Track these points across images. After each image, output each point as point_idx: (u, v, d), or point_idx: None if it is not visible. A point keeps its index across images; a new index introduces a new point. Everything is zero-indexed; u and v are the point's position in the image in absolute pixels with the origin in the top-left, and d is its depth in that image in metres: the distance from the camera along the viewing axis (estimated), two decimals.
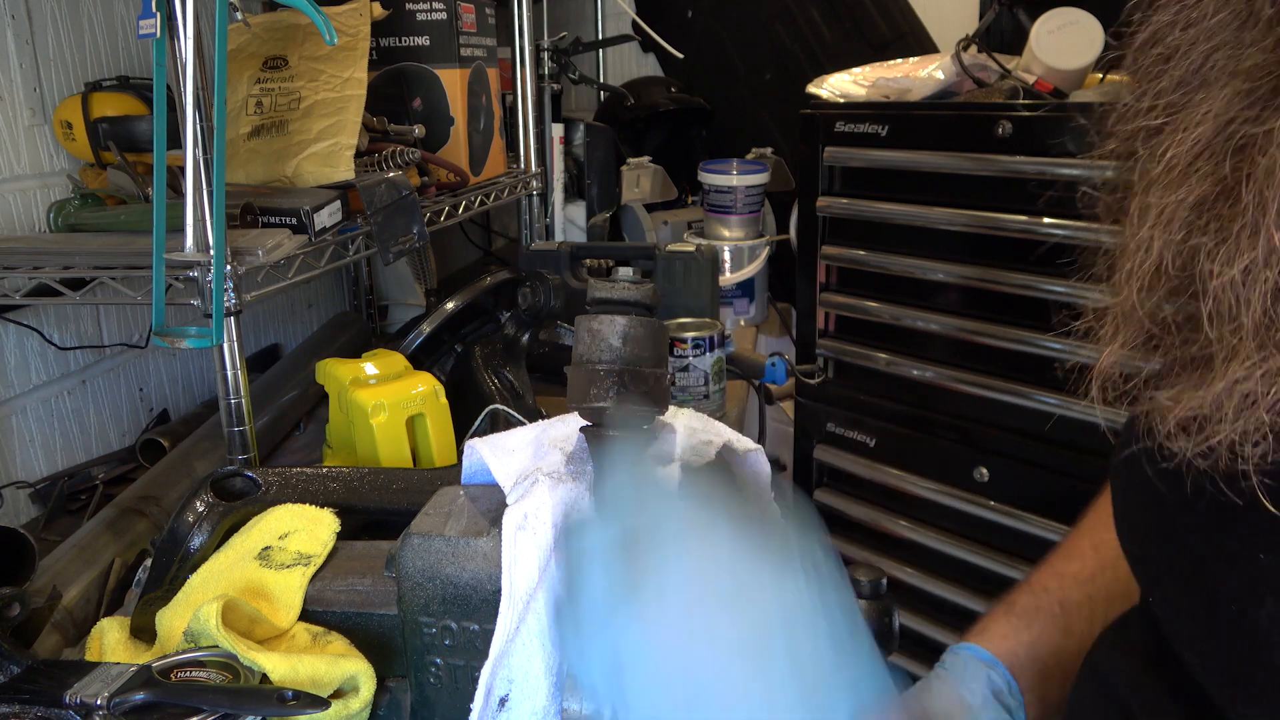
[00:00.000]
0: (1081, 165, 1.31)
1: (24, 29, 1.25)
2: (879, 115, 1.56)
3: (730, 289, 2.12)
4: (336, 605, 0.76)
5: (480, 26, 1.66)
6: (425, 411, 1.12)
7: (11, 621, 0.77)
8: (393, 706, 0.75)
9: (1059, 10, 1.45)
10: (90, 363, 1.39)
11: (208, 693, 0.65)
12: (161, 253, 0.97)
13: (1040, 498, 1.42)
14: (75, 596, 0.98)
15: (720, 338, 1.44)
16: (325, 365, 1.18)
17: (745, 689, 0.43)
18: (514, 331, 1.34)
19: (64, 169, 1.33)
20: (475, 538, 0.70)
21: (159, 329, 1.00)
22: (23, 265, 1.06)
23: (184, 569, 0.81)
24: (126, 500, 1.14)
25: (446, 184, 1.55)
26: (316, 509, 0.84)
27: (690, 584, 0.45)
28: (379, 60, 1.59)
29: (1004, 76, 1.52)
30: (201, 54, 0.95)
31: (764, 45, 2.54)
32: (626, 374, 0.66)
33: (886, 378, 1.60)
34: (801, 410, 1.76)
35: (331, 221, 1.17)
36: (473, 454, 0.78)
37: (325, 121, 1.31)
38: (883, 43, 2.31)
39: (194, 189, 0.96)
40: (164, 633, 0.76)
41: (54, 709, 0.65)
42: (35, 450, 1.30)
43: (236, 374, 1.03)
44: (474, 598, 0.69)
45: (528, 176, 1.94)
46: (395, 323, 2.08)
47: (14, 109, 1.25)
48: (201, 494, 0.84)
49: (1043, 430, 1.40)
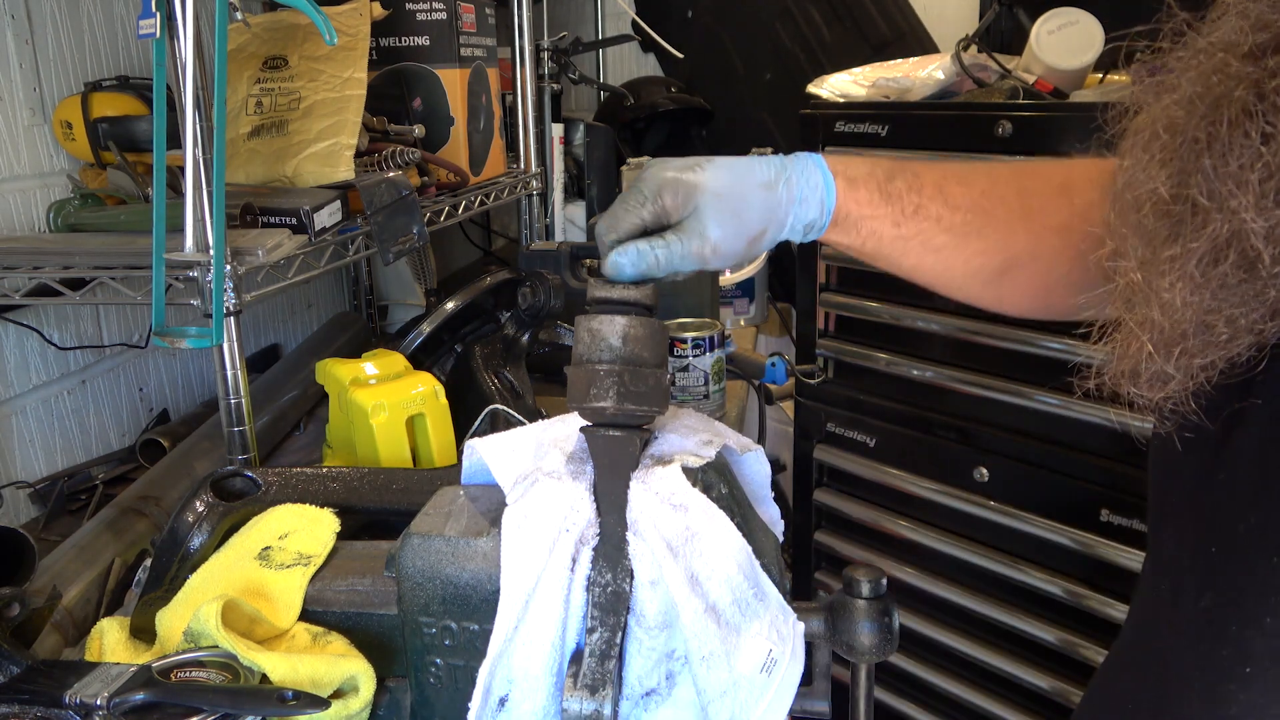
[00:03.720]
0: None
1: (24, 29, 1.25)
2: (879, 115, 1.55)
3: (730, 289, 2.12)
4: (336, 605, 0.76)
5: (480, 26, 1.66)
6: (425, 411, 1.12)
7: (11, 621, 0.77)
8: (393, 706, 0.75)
9: (1059, 10, 1.45)
10: (90, 363, 1.39)
11: (208, 693, 0.65)
12: (161, 253, 0.97)
13: (1040, 498, 1.42)
14: (75, 596, 0.98)
15: (720, 338, 1.44)
16: (325, 365, 1.18)
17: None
18: (514, 331, 1.33)
19: (64, 169, 1.33)
20: (475, 538, 0.70)
21: (159, 329, 1.00)
22: (23, 265, 1.06)
23: (184, 569, 0.81)
24: (126, 500, 1.14)
25: (446, 184, 1.55)
26: (316, 509, 0.84)
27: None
28: (379, 60, 1.59)
29: (1004, 76, 1.52)
30: (201, 54, 0.95)
31: (764, 45, 2.54)
32: (626, 374, 0.66)
33: (886, 378, 1.60)
34: (801, 410, 1.76)
35: (331, 221, 1.17)
36: (473, 454, 0.78)
37: (325, 121, 1.31)
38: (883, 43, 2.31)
39: (194, 189, 0.96)
40: (164, 633, 0.76)
41: (54, 709, 0.65)
42: (35, 450, 1.30)
43: (236, 374, 1.03)
44: (474, 598, 0.69)
45: (528, 176, 1.94)
46: (395, 323, 2.08)
47: (14, 109, 1.25)
48: (201, 494, 0.84)
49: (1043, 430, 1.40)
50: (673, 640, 0.65)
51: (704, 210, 0.70)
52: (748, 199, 0.72)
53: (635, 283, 0.68)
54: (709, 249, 0.70)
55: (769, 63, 2.56)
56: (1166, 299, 0.48)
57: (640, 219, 0.70)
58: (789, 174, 0.73)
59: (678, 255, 0.70)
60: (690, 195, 0.70)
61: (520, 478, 0.71)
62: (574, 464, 0.70)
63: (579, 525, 0.66)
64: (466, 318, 1.39)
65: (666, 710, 0.66)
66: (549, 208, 2.16)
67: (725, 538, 0.65)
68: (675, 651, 0.65)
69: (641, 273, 0.69)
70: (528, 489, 0.69)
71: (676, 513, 0.66)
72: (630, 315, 0.67)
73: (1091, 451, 1.35)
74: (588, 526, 0.66)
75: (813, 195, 0.73)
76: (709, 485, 0.68)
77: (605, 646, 0.64)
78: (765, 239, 0.73)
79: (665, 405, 0.69)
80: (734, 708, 0.63)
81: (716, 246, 0.70)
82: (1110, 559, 1.32)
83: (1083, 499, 1.36)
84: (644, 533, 0.65)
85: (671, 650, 0.65)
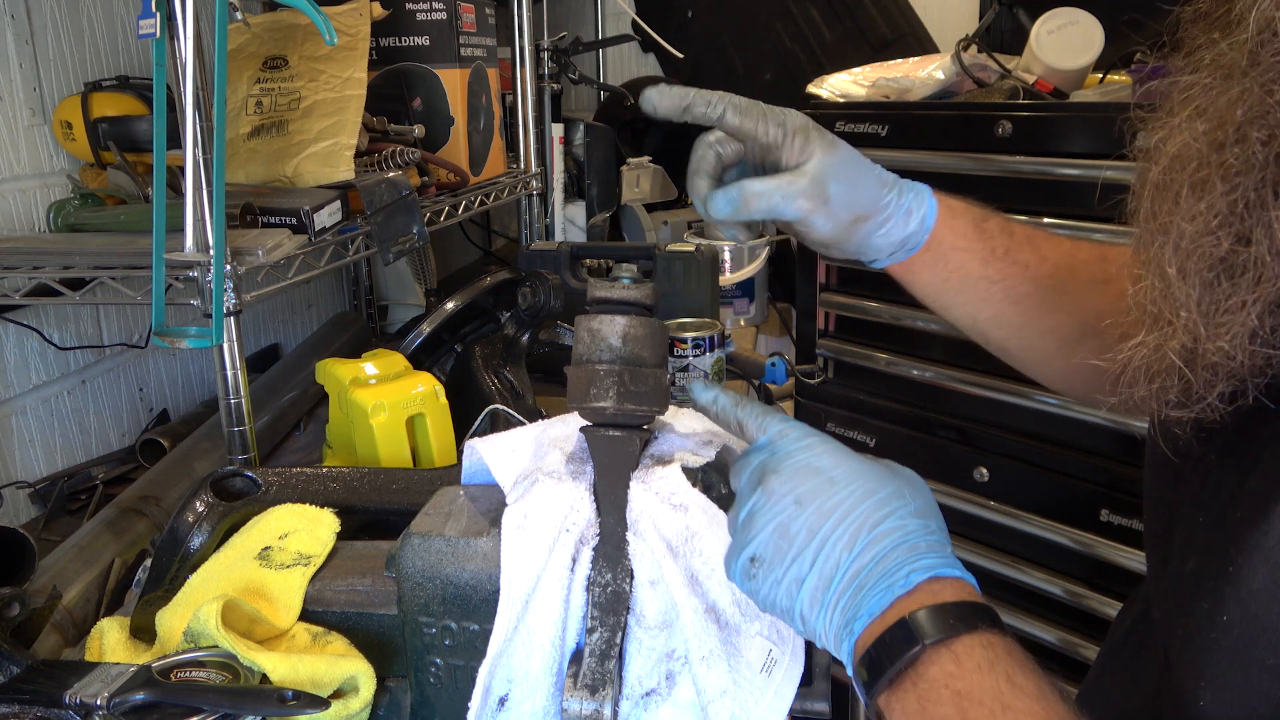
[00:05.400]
0: (1081, 165, 1.31)
1: (24, 29, 1.25)
2: (879, 115, 1.56)
3: (730, 289, 2.12)
4: (336, 605, 0.76)
5: (480, 26, 1.66)
6: (425, 411, 1.12)
7: (11, 621, 0.76)
8: (393, 706, 0.75)
9: (1059, 10, 1.45)
10: (90, 363, 1.39)
11: (208, 693, 0.65)
12: (161, 253, 0.97)
13: (1040, 498, 1.42)
14: (75, 596, 0.98)
15: (720, 338, 1.44)
16: (325, 365, 1.18)
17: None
18: (514, 331, 1.33)
19: (64, 169, 1.33)
20: (475, 538, 0.70)
21: (159, 329, 1.00)
22: (23, 265, 1.06)
23: (184, 569, 0.81)
24: (126, 500, 1.14)
25: (446, 184, 1.55)
26: (316, 509, 0.84)
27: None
28: (379, 60, 1.59)
29: (1004, 76, 1.52)
30: (201, 54, 0.95)
31: (764, 45, 2.54)
32: (626, 374, 0.66)
33: (886, 378, 1.60)
34: (801, 410, 1.76)
35: (331, 221, 1.17)
36: (473, 454, 0.78)
37: (325, 121, 1.31)
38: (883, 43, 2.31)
39: (194, 189, 0.96)
40: (164, 633, 0.76)
41: (54, 709, 0.65)
42: (35, 450, 1.30)
43: (236, 374, 1.03)
44: (474, 598, 0.69)
45: (528, 176, 1.94)
46: (395, 323, 2.08)
47: (14, 109, 1.25)
48: (201, 494, 0.84)
49: (1043, 430, 1.40)
50: (673, 640, 0.65)
51: (826, 164, 0.70)
52: (864, 180, 0.73)
53: (635, 282, 0.68)
54: (822, 201, 0.70)
55: (769, 63, 2.56)
56: (1224, 347, 0.48)
57: (765, 130, 0.70)
58: (900, 185, 0.74)
59: (792, 198, 0.69)
60: (819, 145, 0.70)
61: (520, 478, 0.71)
62: (574, 464, 0.70)
63: (579, 525, 0.66)
64: (466, 318, 1.39)
65: (666, 710, 0.66)
66: (549, 208, 2.16)
67: (725, 538, 0.65)
68: (675, 651, 0.65)
69: (739, 201, 0.69)
70: (528, 489, 0.69)
71: (676, 512, 0.66)
72: (630, 315, 0.67)
73: (1091, 451, 1.35)
74: (588, 526, 0.66)
75: (916, 209, 0.74)
76: (709, 485, 0.68)
77: (605, 646, 0.64)
78: (865, 227, 0.74)
79: (665, 405, 0.69)
80: (734, 708, 0.63)
81: (830, 201, 0.70)
82: (1110, 559, 1.32)
83: (1083, 499, 1.36)
84: (644, 533, 0.65)
85: (671, 650, 0.65)
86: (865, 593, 0.55)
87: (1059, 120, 1.35)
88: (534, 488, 0.68)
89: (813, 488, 0.58)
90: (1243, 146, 0.46)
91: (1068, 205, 1.32)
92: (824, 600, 0.56)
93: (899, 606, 0.54)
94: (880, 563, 0.55)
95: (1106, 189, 0.62)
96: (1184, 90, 0.51)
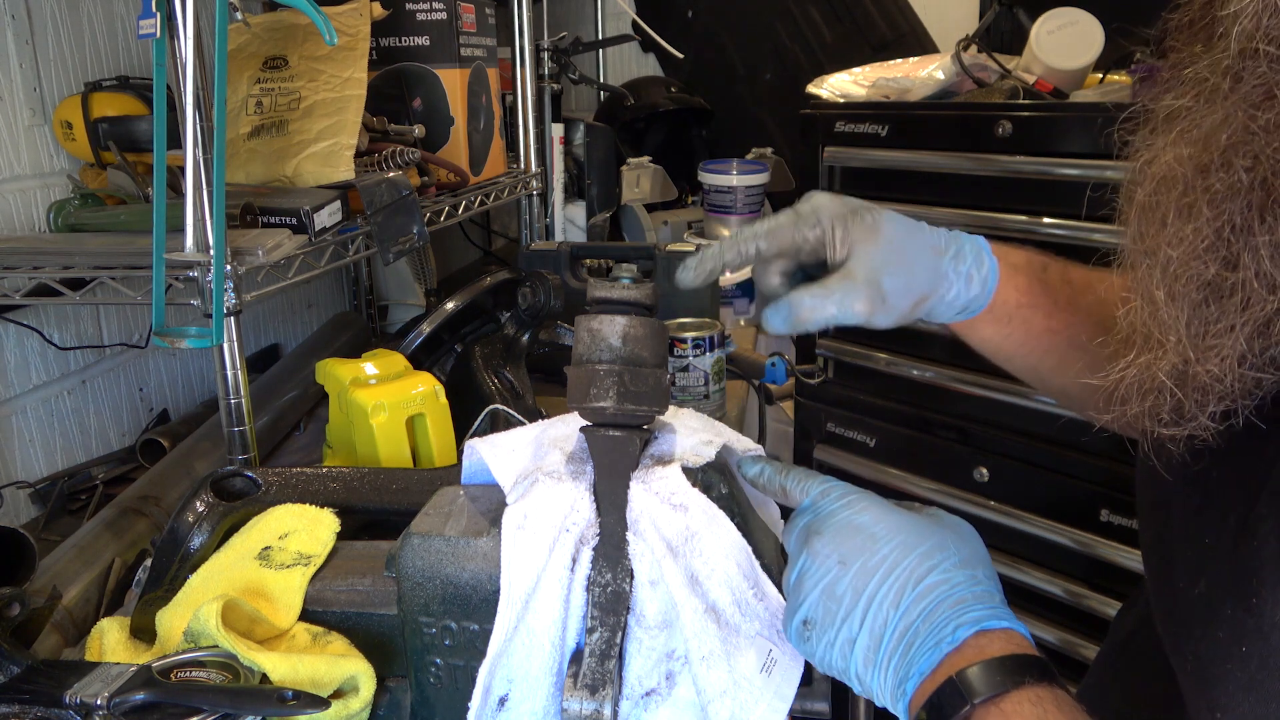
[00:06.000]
0: (1082, 165, 1.31)
1: (24, 29, 1.25)
2: (879, 115, 1.56)
3: (730, 289, 2.12)
4: (336, 605, 0.76)
5: (480, 26, 1.66)
6: (425, 411, 1.12)
7: (11, 621, 0.76)
8: (393, 706, 0.75)
9: (1059, 10, 1.45)
10: (90, 363, 1.39)
11: (208, 693, 0.65)
12: (161, 253, 0.97)
13: (1040, 498, 1.42)
14: (75, 596, 0.98)
15: (720, 338, 1.44)
16: (325, 365, 1.18)
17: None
18: (514, 331, 1.33)
19: (64, 169, 1.33)
20: (475, 538, 0.70)
21: (159, 329, 1.00)
22: (23, 265, 1.06)
23: (184, 569, 0.81)
24: (126, 500, 1.14)
25: (446, 184, 1.55)
26: (316, 509, 0.84)
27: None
28: (379, 60, 1.59)
29: (1004, 76, 1.52)
30: (201, 54, 0.95)
31: (764, 45, 2.54)
32: (626, 374, 0.66)
33: (886, 378, 1.60)
34: (801, 410, 1.76)
35: (331, 221, 1.17)
36: (473, 454, 0.78)
37: (325, 121, 1.31)
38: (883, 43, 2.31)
39: (194, 189, 0.96)
40: (164, 633, 0.76)
41: (54, 709, 0.65)
42: (35, 450, 1.30)
43: (236, 374, 1.03)
44: (474, 598, 0.69)
45: (528, 176, 1.94)
46: (395, 323, 2.08)
47: (14, 109, 1.25)
48: (201, 494, 0.84)
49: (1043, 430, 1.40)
50: (673, 640, 0.65)
51: (874, 258, 0.67)
52: (919, 257, 0.69)
53: (635, 282, 0.68)
54: (879, 300, 0.67)
55: (769, 63, 2.56)
56: (1214, 370, 0.48)
57: (804, 238, 0.67)
58: (957, 247, 0.71)
59: (848, 306, 0.66)
60: (865, 236, 0.67)
61: (520, 477, 0.71)
62: (574, 464, 0.70)
63: (579, 525, 0.66)
64: (466, 318, 1.39)
65: (666, 710, 0.66)
66: (549, 208, 2.16)
67: (725, 538, 0.65)
68: (675, 651, 0.65)
69: (793, 319, 0.67)
70: (528, 489, 0.69)
71: (676, 513, 0.66)
72: (630, 315, 0.67)
73: (1091, 451, 1.35)
74: (588, 526, 0.66)
75: (977, 273, 0.72)
76: (709, 485, 0.68)
77: (605, 646, 0.64)
78: (926, 305, 0.71)
79: (665, 405, 0.68)
80: (734, 708, 0.63)
81: (887, 298, 0.67)
82: (1110, 559, 1.32)
83: (1083, 499, 1.36)
84: (644, 533, 0.65)
85: (671, 650, 0.65)
86: (915, 651, 0.55)
87: (1059, 120, 1.35)
88: (534, 488, 0.68)
89: (855, 546, 0.58)
90: (1228, 172, 0.46)
91: (1067, 205, 1.32)
92: (876, 660, 0.56)
93: (948, 664, 0.54)
94: (928, 618, 0.55)
95: (1106, 189, 0.62)
96: (1167, 110, 0.51)
